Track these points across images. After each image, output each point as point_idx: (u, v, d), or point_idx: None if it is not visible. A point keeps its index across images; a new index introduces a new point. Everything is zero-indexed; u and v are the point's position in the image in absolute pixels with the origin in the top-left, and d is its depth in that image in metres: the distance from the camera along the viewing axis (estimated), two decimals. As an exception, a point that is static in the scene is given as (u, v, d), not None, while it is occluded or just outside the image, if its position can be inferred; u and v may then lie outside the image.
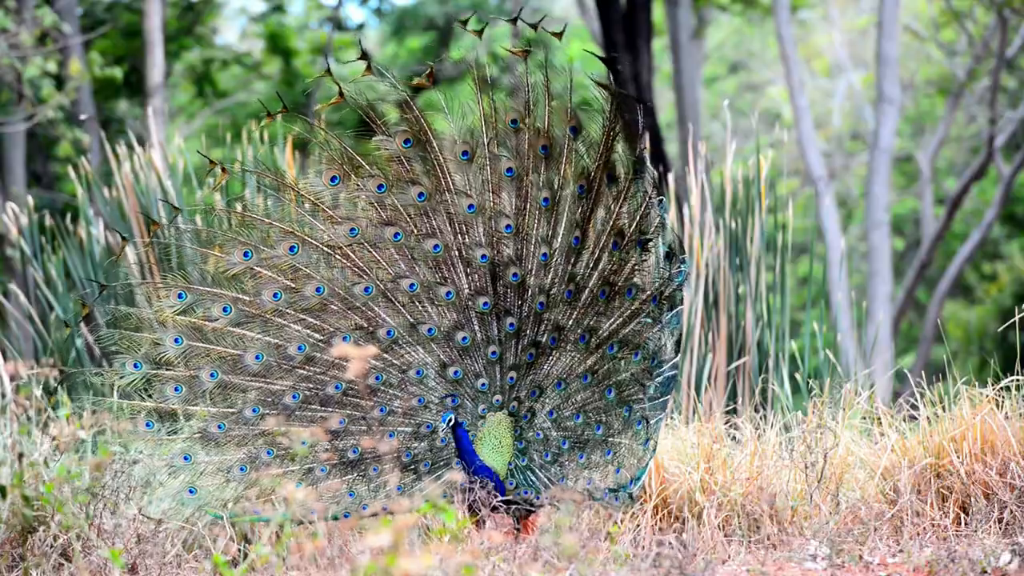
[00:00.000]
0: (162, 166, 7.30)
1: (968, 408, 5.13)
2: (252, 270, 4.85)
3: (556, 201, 4.82)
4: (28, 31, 12.37)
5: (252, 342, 4.84)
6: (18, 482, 4.48)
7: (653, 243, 4.81)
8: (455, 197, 4.85)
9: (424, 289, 4.87)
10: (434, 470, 4.95)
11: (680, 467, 5.15)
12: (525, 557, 4.33)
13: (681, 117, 17.14)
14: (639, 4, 14.45)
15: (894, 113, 14.87)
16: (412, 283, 4.87)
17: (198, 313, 4.83)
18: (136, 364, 4.83)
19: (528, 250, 4.84)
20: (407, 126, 4.85)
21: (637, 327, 4.80)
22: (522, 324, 4.85)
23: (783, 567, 4.57)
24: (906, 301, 17.94)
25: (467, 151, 4.88)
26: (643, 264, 4.81)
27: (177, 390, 4.84)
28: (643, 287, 4.81)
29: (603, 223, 4.81)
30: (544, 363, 4.86)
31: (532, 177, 4.83)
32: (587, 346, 4.83)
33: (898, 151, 21.69)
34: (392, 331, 4.88)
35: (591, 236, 4.81)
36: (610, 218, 4.82)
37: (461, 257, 4.87)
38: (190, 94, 21.45)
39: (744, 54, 26.08)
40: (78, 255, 7.32)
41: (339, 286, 4.85)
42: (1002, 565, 4.37)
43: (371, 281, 4.85)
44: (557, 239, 4.83)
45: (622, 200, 4.80)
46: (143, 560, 4.70)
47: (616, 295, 4.81)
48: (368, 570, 3.15)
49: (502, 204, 4.85)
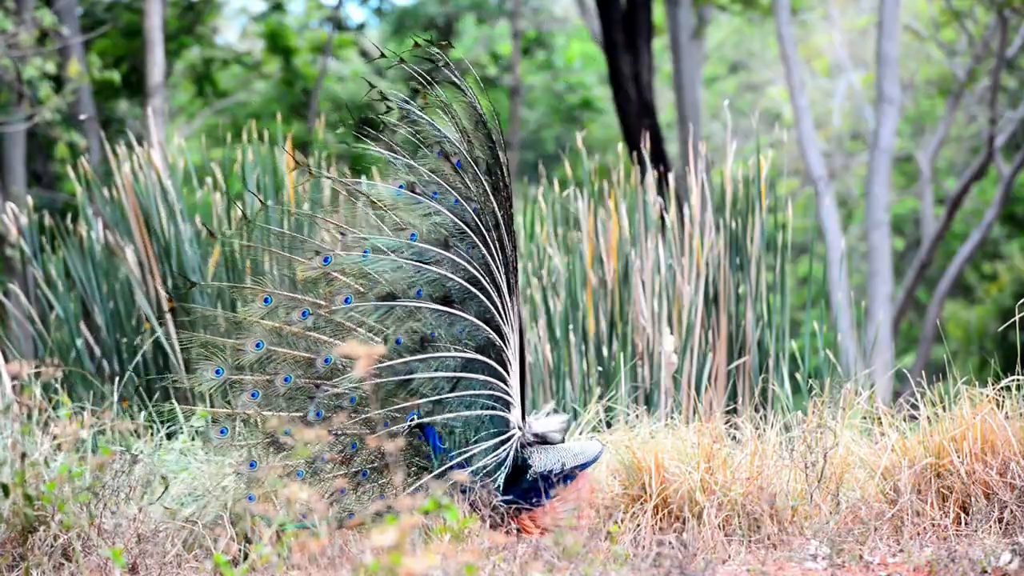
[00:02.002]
0: (162, 166, 7.30)
1: (968, 408, 5.13)
2: (328, 275, 4.87)
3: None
4: (28, 31, 12.38)
5: (324, 346, 4.86)
6: (20, 481, 4.48)
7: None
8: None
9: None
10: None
11: (680, 467, 5.15)
12: (526, 557, 4.33)
13: (681, 117, 17.15)
14: (639, 4, 14.45)
15: (894, 113, 14.87)
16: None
17: (281, 317, 4.85)
18: (218, 370, 4.84)
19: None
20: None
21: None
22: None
23: (783, 567, 4.57)
24: (906, 301, 17.95)
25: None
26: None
27: (255, 395, 4.85)
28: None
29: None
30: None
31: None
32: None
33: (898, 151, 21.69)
34: (435, 333, 4.89)
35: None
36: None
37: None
38: (190, 94, 21.46)
39: (744, 54, 26.09)
40: (78, 255, 7.32)
41: (399, 290, 4.87)
42: (1002, 565, 4.37)
43: (423, 285, 4.89)
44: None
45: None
46: (143, 560, 4.70)
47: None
48: (371, 569, 3.16)
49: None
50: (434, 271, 4.86)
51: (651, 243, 7.04)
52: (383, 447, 4.79)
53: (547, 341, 7.11)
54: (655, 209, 7.16)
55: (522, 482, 4.93)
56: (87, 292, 7.28)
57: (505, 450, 4.94)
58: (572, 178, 7.45)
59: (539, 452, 4.97)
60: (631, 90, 14.40)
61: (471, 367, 4.87)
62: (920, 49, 21.99)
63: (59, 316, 7.32)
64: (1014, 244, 22.91)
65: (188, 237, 7.16)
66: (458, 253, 4.89)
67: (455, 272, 4.87)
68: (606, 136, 23.70)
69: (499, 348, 4.91)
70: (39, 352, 7.46)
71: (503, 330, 4.92)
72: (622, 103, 14.53)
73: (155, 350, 7.09)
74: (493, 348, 4.90)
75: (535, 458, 4.95)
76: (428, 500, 3.46)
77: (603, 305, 7.06)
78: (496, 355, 4.91)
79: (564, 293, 7.13)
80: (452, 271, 4.87)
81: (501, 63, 23.01)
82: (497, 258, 4.94)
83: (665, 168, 10.18)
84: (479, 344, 4.89)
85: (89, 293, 7.28)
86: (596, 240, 7.13)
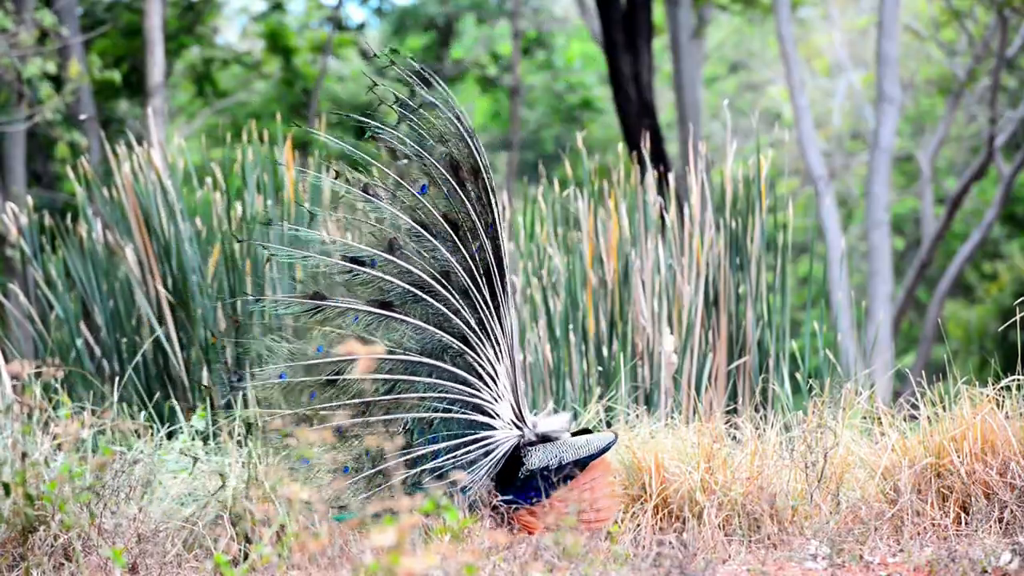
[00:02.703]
0: (162, 166, 7.30)
1: (968, 408, 5.13)
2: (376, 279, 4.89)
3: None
4: (28, 31, 12.38)
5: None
6: (21, 481, 4.48)
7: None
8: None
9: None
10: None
11: (680, 467, 5.15)
12: (526, 557, 4.33)
13: (681, 117, 17.15)
14: (639, 4, 14.45)
15: (894, 113, 14.87)
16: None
17: (335, 322, 4.86)
18: (282, 374, 4.85)
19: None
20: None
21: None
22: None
23: (783, 567, 4.57)
24: (906, 301, 17.95)
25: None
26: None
27: (312, 395, 4.86)
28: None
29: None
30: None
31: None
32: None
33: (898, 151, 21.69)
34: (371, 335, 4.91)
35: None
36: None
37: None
38: (190, 94, 21.46)
39: (744, 54, 26.09)
40: (78, 255, 7.32)
41: (325, 289, 4.87)
42: (1002, 565, 4.37)
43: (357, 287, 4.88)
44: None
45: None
46: (143, 560, 4.70)
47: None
48: (371, 569, 3.16)
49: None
50: (369, 273, 4.84)
51: (651, 243, 7.04)
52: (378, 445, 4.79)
53: (547, 341, 7.11)
54: (655, 209, 7.16)
55: (516, 480, 4.91)
56: (87, 292, 7.28)
57: (473, 451, 4.90)
58: (572, 178, 7.45)
59: (536, 450, 4.95)
60: (631, 90, 14.40)
61: (415, 370, 4.86)
62: (920, 49, 21.99)
63: (59, 316, 7.32)
64: (1014, 244, 22.91)
65: (188, 237, 7.16)
66: (404, 256, 4.86)
67: (399, 276, 4.85)
68: (606, 136, 23.70)
69: (458, 351, 4.89)
70: (39, 352, 7.46)
71: (467, 335, 4.91)
72: (622, 103, 14.53)
73: (155, 350, 7.09)
74: (449, 352, 4.88)
75: (530, 456, 4.93)
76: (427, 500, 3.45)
77: (603, 305, 7.06)
78: (455, 359, 4.88)
79: (564, 293, 7.13)
80: (395, 275, 4.85)
81: (501, 63, 23.01)
82: (473, 263, 4.91)
83: (665, 168, 10.18)
84: (427, 348, 4.87)
85: (89, 293, 7.28)
86: (596, 240, 7.12)
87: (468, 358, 4.90)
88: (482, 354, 4.93)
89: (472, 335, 4.90)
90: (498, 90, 23.30)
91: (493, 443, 4.92)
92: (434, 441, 4.87)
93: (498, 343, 4.94)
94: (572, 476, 4.90)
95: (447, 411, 4.86)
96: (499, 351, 4.95)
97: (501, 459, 4.93)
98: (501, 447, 4.93)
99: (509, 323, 4.97)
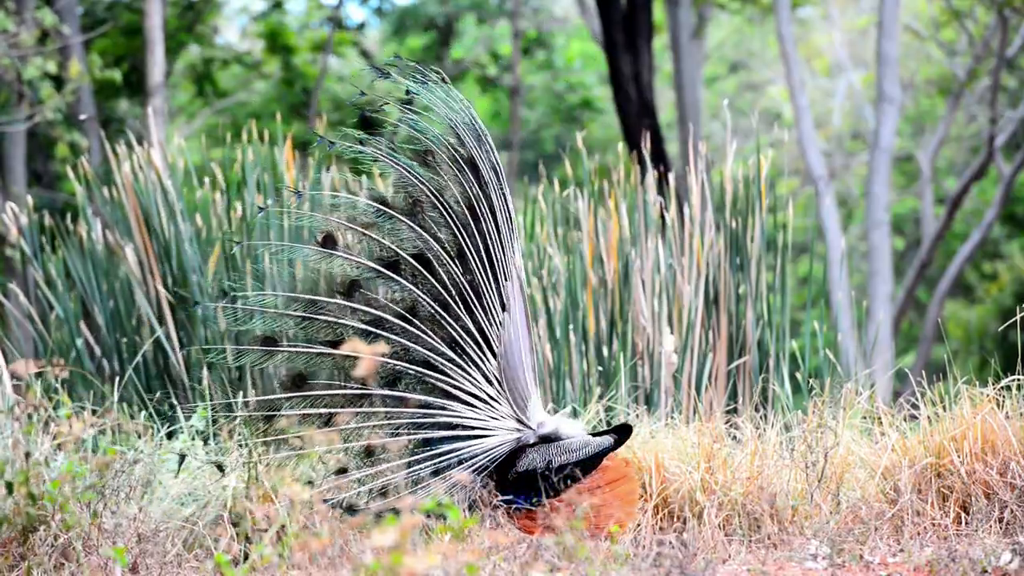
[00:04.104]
0: (162, 166, 7.30)
1: (968, 408, 5.13)
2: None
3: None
4: (28, 31, 12.38)
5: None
6: (24, 480, 4.48)
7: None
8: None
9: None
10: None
11: (680, 467, 5.15)
12: (527, 557, 4.33)
13: (681, 117, 17.15)
14: (639, 3, 14.45)
15: (894, 113, 14.87)
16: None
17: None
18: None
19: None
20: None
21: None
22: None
23: (784, 566, 4.57)
24: (906, 301, 17.95)
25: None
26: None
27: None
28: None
29: None
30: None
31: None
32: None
33: (898, 151, 21.70)
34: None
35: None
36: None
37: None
38: (190, 94, 21.46)
39: (744, 54, 26.09)
40: (78, 255, 7.32)
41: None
42: (1003, 564, 4.37)
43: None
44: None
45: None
46: (143, 559, 4.70)
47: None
48: (372, 569, 3.16)
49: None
50: (323, 318, 4.80)
51: (651, 243, 7.04)
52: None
53: (547, 341, 7.10)
54: (655, 209, 7.16)
55: (511, 481, 4.90)
56: (87, 292, 7.28)
57: (460, 453, 4.89)
58: (572, 178, 7.45)
59: (531, 451, 4.92)
60: (631, 90, 14.40)
61: (361, 403, 4.82)
62: (920, 49, 21.99)
63: (59, 316, 7.32)
64: (1014, 244, 22.91)
65: (188, 237, 7.16)
66: (365, 297, 4.84)
67: (351, 317, 4.82)
68: (606, 136, 23.70)
69: (418, 377, 4.84)
70: (39, 352, 7.46)
71: (434, 362, 4.86)
72: (622, 103, 14.52)
73: (155, 350, 7.09)
74: (402, 381, 4.84)
75: (523, 458, 4.90)
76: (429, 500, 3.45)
77: (603, 305, 7.06)
78: (412, 385, 4.85)
79: (564, 293, 7.13)
80: (349, 316, 4.82)
81: (501, 63, 23.01)
82: (455, 289, 4.89)
83: (665, 168, 10.18)
84: (388, 380, 4.84)
85: (89, 293, 7.28)
86: (596, 240, 7.12)
87: (437, 381, 4.87)
88: (455, 375, 4.91)
89: (434, 361, 4.88)
90: (498, 90, 23.29)
91: (484, 444, 4.90)
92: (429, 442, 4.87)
93: (486, 349, 4.92)
94: (575, 478, 4.87)
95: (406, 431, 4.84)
96: (487, 355, 4.92)
97: (497, 459, 4.91)
98: (495, 448, 4.91)
99: (507, 324, 4.96)
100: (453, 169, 4.95)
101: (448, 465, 4.85)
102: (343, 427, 4.77)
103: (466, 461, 4.87)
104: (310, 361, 4.81)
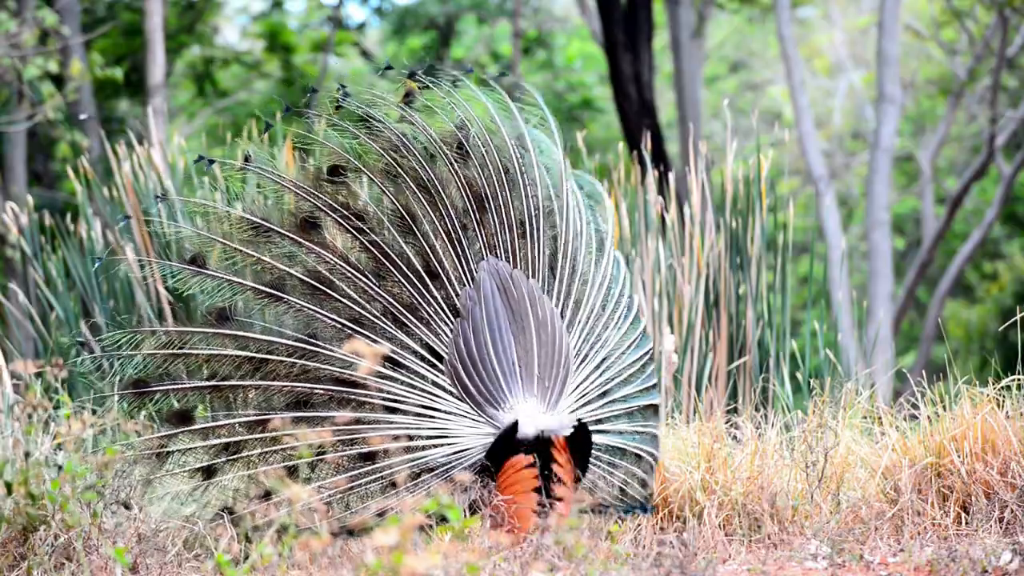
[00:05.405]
0: (162, 165, 7.30)
1: (969, 407, 5.12)
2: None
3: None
4: (29, 31, 12.37)
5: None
6: (24, 480, 4.48)
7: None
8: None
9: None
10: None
11: (681, 466, 5.15)
12: (527, 556, 4.33)
13: (682, 116, 17.14)
14: (640, 3, 14.45)
15: (895, 112, 14.87)
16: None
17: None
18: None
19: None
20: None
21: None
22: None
23: (784, 566, 4.57)
24: (907, 300, 17.95)
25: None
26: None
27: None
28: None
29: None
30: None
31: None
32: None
33: (899, 150, 21.69)
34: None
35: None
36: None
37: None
38: (191, 93, 21.46)
39: (745, 53, 26.09)
40: (78, 255, 7.32)
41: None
42: (1003, 564, 4.37)
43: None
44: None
45: None
46: (143, 559, 4.70)
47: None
48: (373, 568, 3.16)
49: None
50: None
51: (651, 243, 7.03)
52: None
53: (547, 341, 7.10)
54: (655, 209, 7.16)
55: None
56: (87, 292, 7.28)
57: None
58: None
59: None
60: (631, 90, 14.40)
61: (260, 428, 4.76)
62: (921, 49, 21.99)
63: (59, 316, 7.32)
64: (1014, 244, 22.91)
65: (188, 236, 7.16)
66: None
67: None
68: (606, 136, 23.69)
69: (331, 395, 4.75)
70: (39, 352, 7.46)
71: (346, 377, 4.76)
72: (622, 103, 14.52)
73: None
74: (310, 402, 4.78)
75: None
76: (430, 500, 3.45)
77: (603, 305, 7.06)
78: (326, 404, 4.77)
79: (564, 293, 7.12)
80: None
81: (501, 63, 23.00)
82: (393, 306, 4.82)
83: (665, 168, 10.18)
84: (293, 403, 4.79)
85: (89, 293, 7.27)
86: (596, 240, 7.12)
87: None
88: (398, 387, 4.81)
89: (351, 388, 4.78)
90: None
91: (447, 451, 4.82)
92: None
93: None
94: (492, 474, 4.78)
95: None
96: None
97: (476, 461, 4.78)
98: (464, 452, 4.80)
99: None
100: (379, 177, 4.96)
101: (413, 473, 4.71)
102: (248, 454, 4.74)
103: (435, 469, 4.74)
104: (193, 397, 4.77)
